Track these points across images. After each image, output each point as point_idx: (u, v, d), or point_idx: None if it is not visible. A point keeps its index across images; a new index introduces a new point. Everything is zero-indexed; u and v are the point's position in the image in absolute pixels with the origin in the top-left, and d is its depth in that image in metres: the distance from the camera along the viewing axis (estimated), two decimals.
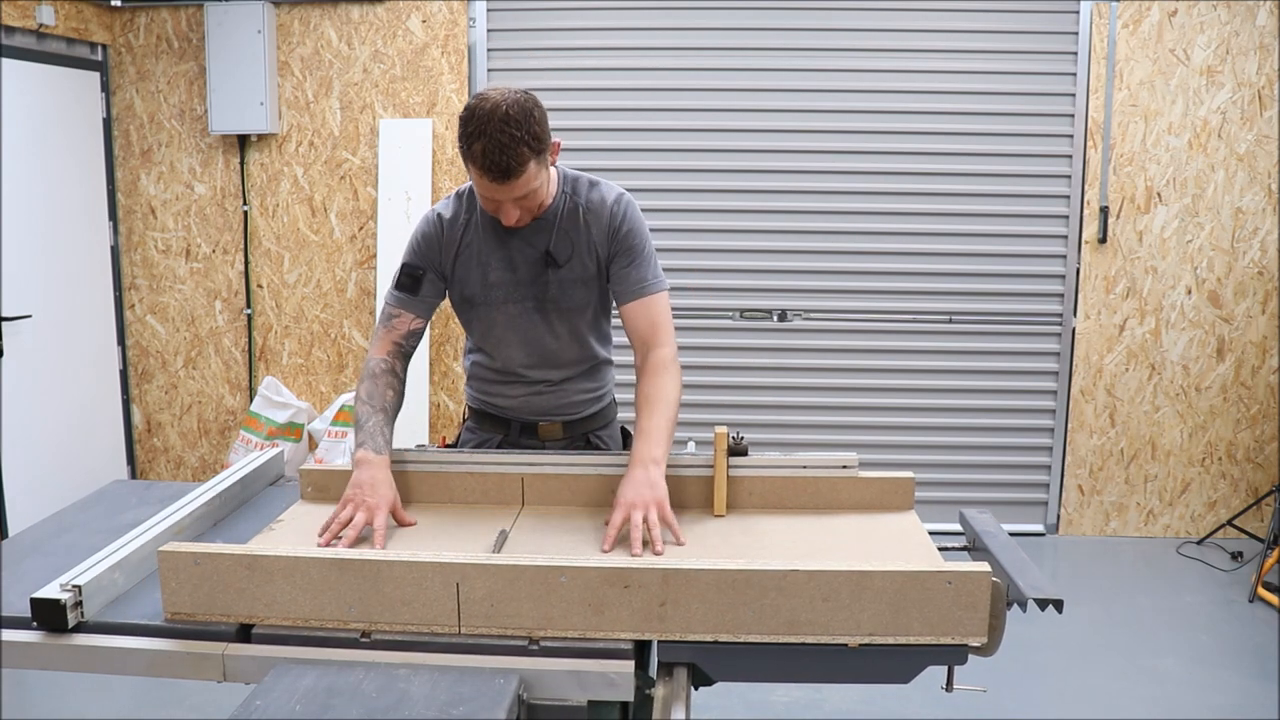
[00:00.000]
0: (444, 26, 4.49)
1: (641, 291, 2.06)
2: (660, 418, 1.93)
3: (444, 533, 1.87)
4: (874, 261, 4.54)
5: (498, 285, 2.07)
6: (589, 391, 2.22)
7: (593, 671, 1.45)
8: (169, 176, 4.68)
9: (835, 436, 4.60)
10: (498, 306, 2.08)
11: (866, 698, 3.18)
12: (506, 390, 2.20)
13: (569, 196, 2.07)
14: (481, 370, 2.23)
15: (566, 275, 2.06)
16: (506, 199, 1.90)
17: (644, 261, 2.07)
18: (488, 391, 2.24)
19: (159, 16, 4.56)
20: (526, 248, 2.05)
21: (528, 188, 1.88)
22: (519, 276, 2.06)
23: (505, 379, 2.19)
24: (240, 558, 1.51)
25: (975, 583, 1.46)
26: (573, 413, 2.22)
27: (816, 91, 4.46)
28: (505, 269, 2.06)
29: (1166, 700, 3.20)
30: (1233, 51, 4.28)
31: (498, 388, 2.21)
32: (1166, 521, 4.62)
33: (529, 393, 2.18)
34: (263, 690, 1.39)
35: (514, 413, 2.21)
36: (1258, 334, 4.46)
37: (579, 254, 2.06)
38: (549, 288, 2.07)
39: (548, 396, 2.19)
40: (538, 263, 2.05)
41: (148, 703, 3.12)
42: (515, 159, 1.82)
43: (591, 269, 2.08)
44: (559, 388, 2.18)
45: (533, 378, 2.16)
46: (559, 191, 2.07)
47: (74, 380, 4.47)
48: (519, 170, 1.84)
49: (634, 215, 2.09)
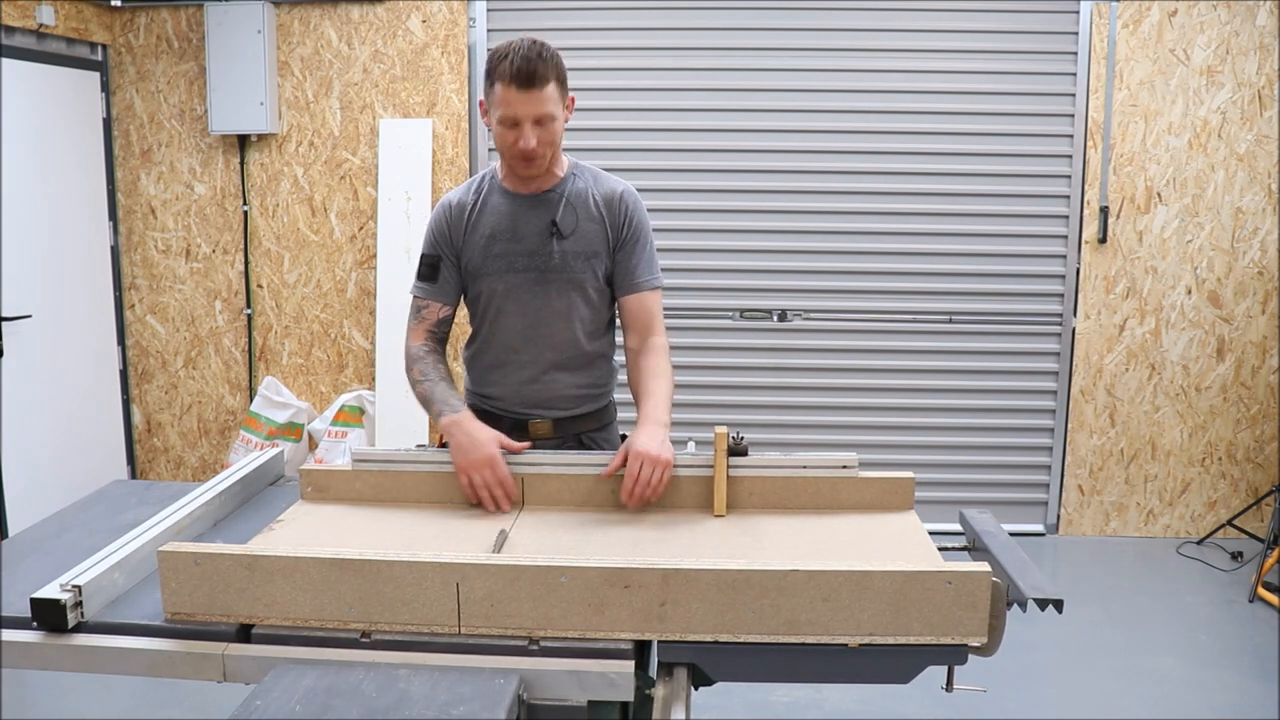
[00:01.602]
0: (444, 26, 4.49)
1: (641, 285, 2.18)
2: (664, 386, 2.09)
3: (444, 533, 1.87)
4: (874, 261, 4.54)
5: (502, 255, 2.15)
6: (580, 387, 2.22)
7: (593, 671, 1.45)
8: (169, 176, 4.68)
9: (835, 436, 4.60)
10: (500, 275, 2.15)
11: (866, 698, 3.18)
12: (497, 377, 2.23)
13: (576, 178, 2.18)
14: (476, 357, 2.27)
15: (570, 247, 2.14)
16: (529, 115, 1.99)
17: (646, 256, 2.19)
18: (480, 381, 2.27)
19: (159, 16, 4.56)
20: (533, 218, 2.14)
21: (547, 106, 2.00)
22: (523, 246, 2.14)
23: (497, 364, 2.22)
24: (240, 558, 1.51)
25: (975, 583, 1.46)
26: (563, 408, 2.22)
27: (816, 91, 4.46)
28: (510, 239, 2.15)
29: (1166, 700, 3.20)
30: (1233, 51, 4.28)
31: (490, 374, 2.24)
32: (1166, 521, 4.62)
33: (519, 381, 2.20)
34: (263, 690, 1.39)
35: (504, 406, 2.23)
36: (1258, 334, 4.46)
37: (584, 229, 2.15)
38: (552, 257, 2.14)
39: (537, 387, 2.20)
40: (543, 232, 2.14)
41: (148, 703, 3.12)
42: (542, 69, 1.97)
43: (596, 246, 2.15)
44: (549, 377, 2.19)
45: (524, 359, 2.19)
46: (568, 173, 2.18)
47: (74, 380, 4.47)
48: (544, 80, 1.97)
49: (640, 209, 2.20)
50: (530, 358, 2.19)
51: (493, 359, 2.23)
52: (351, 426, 4.55)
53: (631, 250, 2.17)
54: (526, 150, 2.03)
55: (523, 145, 2.02)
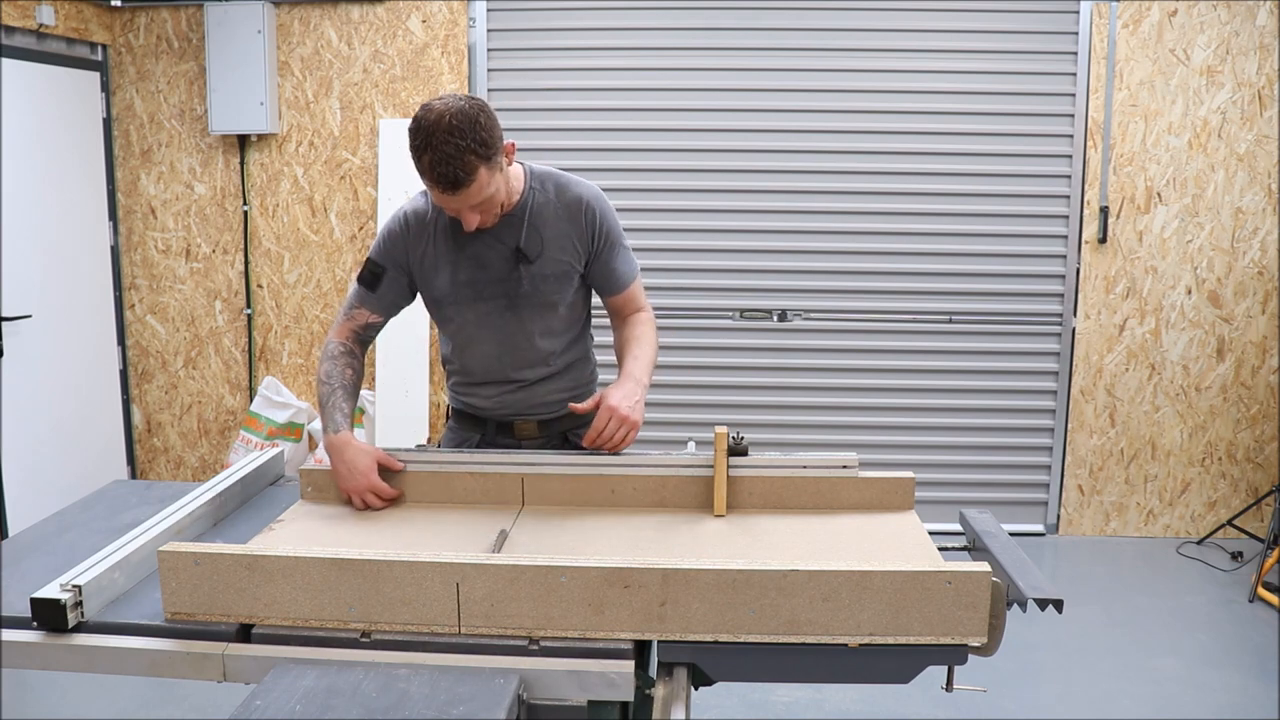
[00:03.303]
0: (444, 26, 4.49)
1: (624, 283, 2.19)
2: (647, 350, 2.11)
3: (444, 533, 1.87)
4: (874, 261, 4.54)
5: (467, 284, 2.08)
6: (565, 391, 2.22)
7: (593, 671, 1.45)
8: (169, 176, 4.68)
9: (835, 436, 4.60)
10: (468, 305, 2.09)
11: (866, 698, 3.18)
12: (481, 390, 2.22)
13: (537, 193, 2.08)
14: (454, 373, 2.26)
15: (538, 270, 2.08)
16: (462, 207, 1.91)
17: (622, 254, 2.18)
18: (463, 391, 2.26)
19: (159, 16, 4.56)
20: (497, 244, 2.06)
21: (481, 195, 1.89)
22: (490, 274, 2.07)
23: (476, 381, 2.21)
24: (240, 558, 1.51)
25: (975, 583, 1.46)
26: (547, 412, 2.22)
27: (816, 91, 4.45)
28: (475, 267, 2.07)
29: (1166, 700, 3.20)
30: (1233, 51, 4.28)
31: (472, 388, 2.23)
32: (1166, 521, 4.62)
33: (502, 391, 2.19)
34: (263, 690, 1.39)
35: (489, 412, 2.23)
36: (1258, 334, 4.46)
37: (550, 249, 2.08)
38: (521, 283, 2.07)
39: (521, 395, 2.19)
40: (508, 259, 2.07)
41: (148, 703, 3.12)
42: (463, 168, 1.83)
43: (566, 264, 2.10)
44: (533, 387, 2.19)
45: (506, 377, 2.17)
46: (526, 188, 2.07)
47: (74, 380, 4.47)
48: (468, 179, 1.84)
49: (608, 211, 2.14)
50: (509, 376, 2.17)
51: (470, 377, 2.21)
52: None
53: (610, 256, 2.14)
54: (469, 228, 1.97)
55: (466, 227, 1.96)
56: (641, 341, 2.13)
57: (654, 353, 2.14)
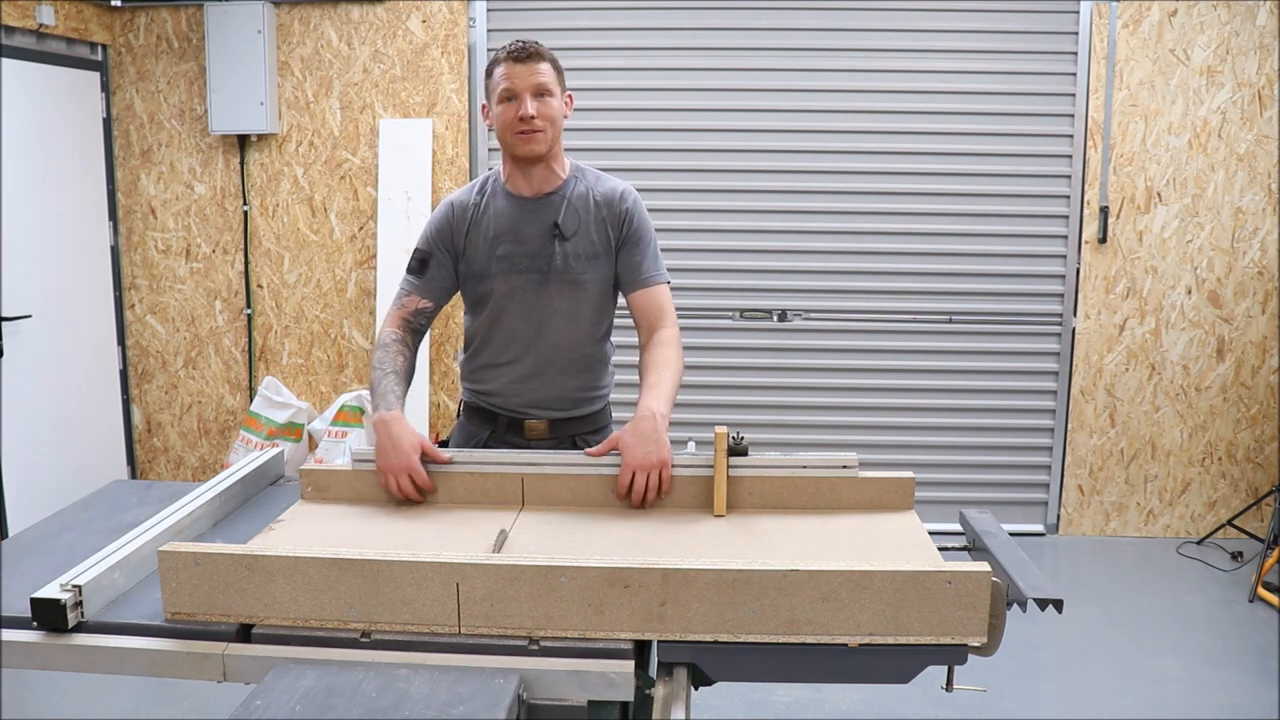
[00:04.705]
0: (444, 26, 4.49)
1: (648, 281, 2.20)
2: (666, 376, 2.07)
3: (444, 533, 1.87)
4: (874, 261, 4.54)
5: (504, 257, 2.17)
6: (578, 389, 2.24)
7: (593, 671, 1.45)
8: (169, 176, 4.68)
9: (835, 436, 4.60)
10: (502, 277, 2.18)
11: (866, 698, 3.18)
12: (496, 374, 2.23)
13: (578, 180, 2.21)
14: (475, 355, 2.27)
15: (573, 249, 2.17)
16: (527, 86, 2.06)
17: (650, 253, 2.22)
18: (478, 378, 2.27)
19: (159, 16, 4.56)
20: (536, 220, 2.17)
21: (545, 78, 2.07)
22: (526, 249, 2.17)
23: (496, 362, 2.23)
24: (240, 558, 1.51)
25: (975, 583, 1.46)
26: (560, 409, 2.23)
27: (816, 91, 4.46)
28: (513, 242, 2.17)
29: (1166, 700, 3.20)
30: (1233, 51, 4.28)
31: (489, 371, 2.25)
32: (1166, 521, 4.62)
33: (518, 378, 2.21)
34: (263, 690, 1.38)
35: (501, 403, 2.24)
36: (1258, 334, 4.46)
37: (586, 231, 2.17)
38: (555, 259, 2.16)
39: (535, 385, 2.21)
40: (545, 234, 2.16)
41: (148, 703, 3.12)
42: (538, 49, 2.08)
43: (599, 247, 2.18)
44: (548, 377, 2.21)
45: (524, 358, 2.20)
46: (570, 175, 2.21)
47: (74, 380, 4.47)
48: (540, 57, 2.07)
49: (641, 209, 2.23)
50: (530, 357, 2.20)
51: (493, 357, 2.24)
52: (352, 426, 4.55)
53: (634, 248, 2.20)
54: (525, 116, 2.05)
55: (521, 112, 2.06)
56: (659, 369, 2.09)
57: (677, 377, 2.10)
